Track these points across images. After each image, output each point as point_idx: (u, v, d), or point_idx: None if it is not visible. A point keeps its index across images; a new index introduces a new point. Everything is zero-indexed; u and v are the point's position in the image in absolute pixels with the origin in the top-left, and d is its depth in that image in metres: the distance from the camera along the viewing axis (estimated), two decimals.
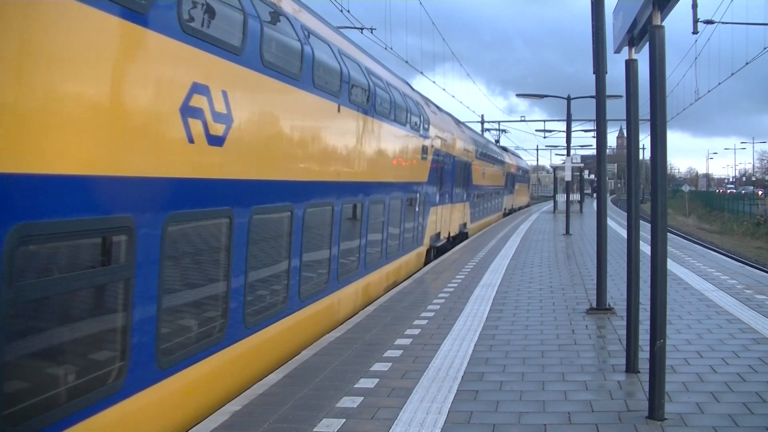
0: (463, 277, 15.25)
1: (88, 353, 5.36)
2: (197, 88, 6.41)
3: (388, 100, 14.33)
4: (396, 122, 15.00)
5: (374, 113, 13.16)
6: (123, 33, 5.44)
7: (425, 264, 18.57)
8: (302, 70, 9.22)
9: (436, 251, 20.72)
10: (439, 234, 21.06)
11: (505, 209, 46.68)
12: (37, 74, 4.58)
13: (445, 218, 21.99)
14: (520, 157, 68.84)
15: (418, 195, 17.52)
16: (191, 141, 6.32)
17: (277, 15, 8.81)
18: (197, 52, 6.44)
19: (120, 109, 5.45)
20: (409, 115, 16.32)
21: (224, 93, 6.91)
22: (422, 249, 18.71)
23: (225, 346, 7.23)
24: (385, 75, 15.09)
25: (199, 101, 6.42)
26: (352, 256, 12.22)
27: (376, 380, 7.42)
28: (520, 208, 58.73)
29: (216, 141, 6.80)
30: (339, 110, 10.85)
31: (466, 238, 26.61)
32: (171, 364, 6.21)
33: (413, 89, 19.42)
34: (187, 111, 6.24)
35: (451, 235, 23.69)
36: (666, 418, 6.15)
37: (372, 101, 13.00)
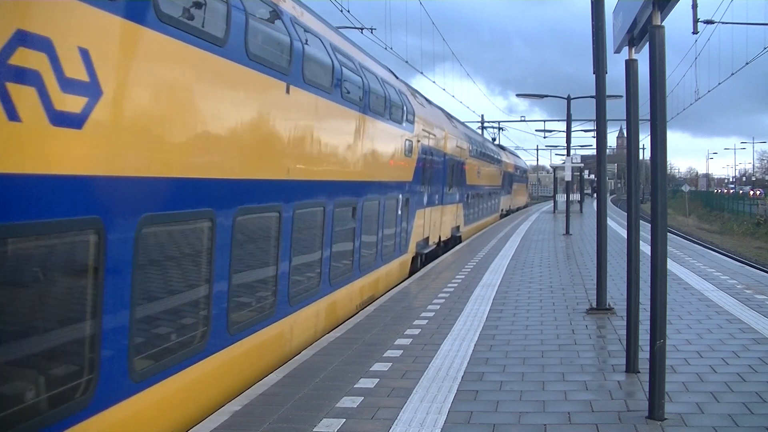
0: (463, 277, 15.25)
1: None
2: (26, 39, 4.47)
3: (360, 85, 12.20)
4: (372, 112, 12.87)
5: (342, 99, 11.02)
6: None
7: (413, 273, 16.77)
8: (229, 35, 7.10)
9: (424, 258, 18.98)
10: (427, 239, 19.27)
11: (502, 210, 44.63)
12: None
13: (434, 221, 20.14)
14: (518, 156, 65.87)
15: (400, 196, 15.57)
16: (14, 118, 4.38)
17: None
18: None
19: None
20: (388, 104, 14.23)
21: (85, 52, 4.99)
22: (406, 257, 16.73)
23: (99, 409, 5.23)
24: (358, 56, 12.92)
25: (30, 59, 4.50)
26: (311, 272, 10.09)
27: (376, 380, 7.42)
28: (518, 209, 56.35)
29: (69, 120, 4.87)
30: (288, 91, 8.77)
31: (460, 242, 25.08)
32: None
33: (397, 77, 17.48)
34: (5, 72, 4.35)
35: (443, 239, 22.03)
36: (666, 418, 6.15)
37: (338, 84, 10.80)
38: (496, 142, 54.82)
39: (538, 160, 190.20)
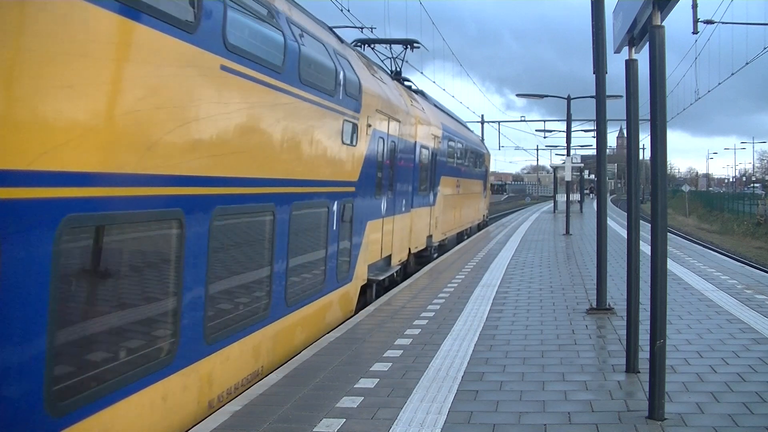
0: (463, 277, 15.25)
1: None
2: None
3: None
4: None
5: None
6: None
7: None
8: None
9: None
10: None
11: (414, 249, 17.33)
12: None
13: None
14: (466, 128, 32.69)
15: None
16: None
17: None
18: None
19: None
20: None
21: None
22: None
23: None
24: None
25: None
26: None
27: (376, 380, 7.42)
28: (466, 234, 28.15)
29: None
30: None
31: None
32: None
33: None
34: None
35: None
36: (666, 418, 6.15)
37: None
38: (411, 86, 20.61)
39: (538, 160, 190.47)
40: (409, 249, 16.79)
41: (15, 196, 4.30)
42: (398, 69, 20.53)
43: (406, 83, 19.99)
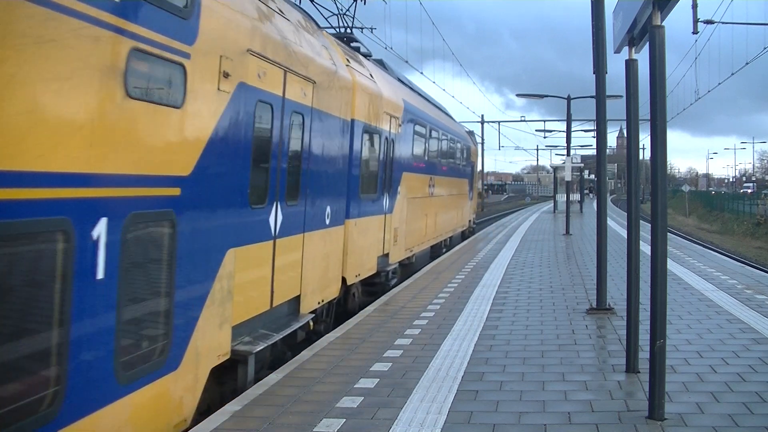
0: (463, 277, 15.25)
1: None
2: None
3: None
4: None
5: None
6: None
7: None
8: None
9: None
10: None
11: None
12: None
13: None
14: (447, 114, 25.74)
15: None
16: None
17: None
18: None
19: None
20: None
21: None
22: None
23: None
24: None
25: None
26: None
27: (376, 380, 7.42)
28: (445, 246, 23.17)
29: None
30: None
31: None
32: None
33: None
34: None
35: None
36: (666, 418, 6.15)
37: None
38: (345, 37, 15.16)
39: (538, 160, 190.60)
40: (344, 279, 11.50)
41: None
42: (348, 29, 16.03)
43: (353, 44, 15.01)
